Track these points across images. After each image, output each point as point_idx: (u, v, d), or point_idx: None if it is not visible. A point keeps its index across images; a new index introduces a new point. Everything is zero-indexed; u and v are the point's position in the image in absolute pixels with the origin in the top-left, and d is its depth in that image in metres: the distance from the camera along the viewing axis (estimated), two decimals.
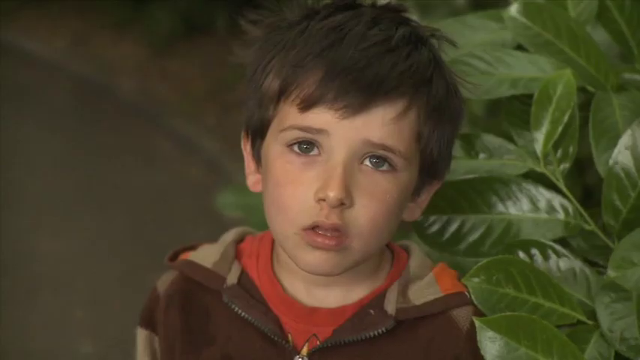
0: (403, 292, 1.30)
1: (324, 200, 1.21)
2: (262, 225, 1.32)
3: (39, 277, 4.24)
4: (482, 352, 1.24)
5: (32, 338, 3.87)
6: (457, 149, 1.50)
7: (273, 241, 1.34)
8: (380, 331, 1.27)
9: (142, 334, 1.38)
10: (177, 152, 5.33)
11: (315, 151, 1.23)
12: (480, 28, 1.63)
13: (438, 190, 1.42)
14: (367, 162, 1.23)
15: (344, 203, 1.21)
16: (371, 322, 1.27)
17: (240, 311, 1.30)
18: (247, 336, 1.30)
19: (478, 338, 1.24)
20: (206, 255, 1.35)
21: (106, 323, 3.95)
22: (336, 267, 1.24)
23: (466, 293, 1.30)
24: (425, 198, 1.33)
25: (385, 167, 1.23)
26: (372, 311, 1.28)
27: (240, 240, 1.37)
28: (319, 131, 1.22)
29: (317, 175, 1.22)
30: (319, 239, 1.22)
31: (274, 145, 1.26)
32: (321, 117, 1.22)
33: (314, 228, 1.22)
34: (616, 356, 1.32)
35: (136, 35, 6.31)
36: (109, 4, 6.45)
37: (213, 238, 1.42)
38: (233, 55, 1.35)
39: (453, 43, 1.34)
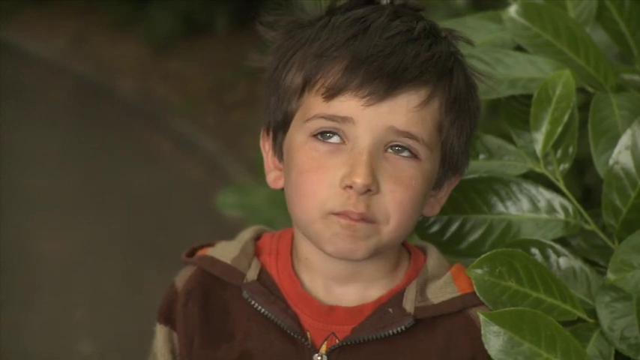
0: (421, 291, 1.30)
1: (350, 187, 1.22)
2: (270, 223, 1.32)
3: (39, 277, 4.24)
4: (485, 346, 1.24)
5: (32, 338, 3.87)
6: None
7: (292, 239, 1.35)
8: (399, 329, 1.28)
9: (161, 331, 1.37)
10: (177, 152, 5.33)
11: (340, 140, 1.25)
12: (479, 29, 1.63)
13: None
14: (390, 150, 1.25)
15: (371, 190, 1.22)
16: (390, 321, 1.28)
17: (259, 307, 1.30)
18: (266, 333, 1.30)
19: (482, 332, 1.24)
20: (225, 251, 1.35)
21: (106, 323, 3.95)
22: (362, 250, 1.25)
23: None
24: (444, 194, 1.34)
25: (408, 155, 1.25)
26: (390, 310, 1.29)
27: (257, 237, 1.38)
28: (345, 119, 1.23)
29: (343, 162, 1.23)
30: (346, 223, 1.23)
31: (298, 135, 1.27)
32: (346, 105, 1.23)
33: (340, 214, 1.23)
34: (616, 355, 1.32)
35: (136, 35, 6.31)
36: (109, 4, 6.46)
37: (213, 238, 1.42)
38: (233, 55, 1.35)
39: (470, 42, 1.36)
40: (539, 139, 1.46)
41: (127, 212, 4.73)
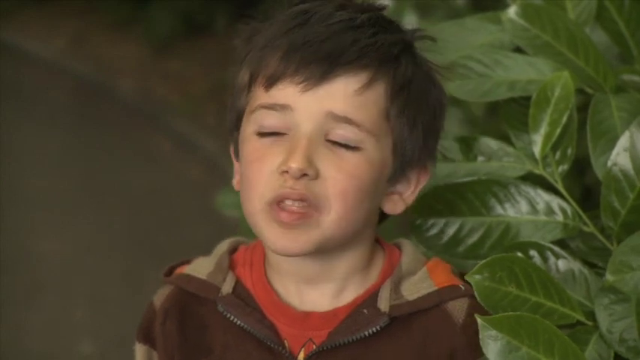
0: (396, 289, 1.29)
1: (287, 172, 1.22)
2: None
3: (39, 277, 4.25)
4: (484, 350, 1.24)
5: (32, 338, 3.87)
6: (456, 152, 1.50)
7: (264, 249, 1.34)
8: (374, 329, 1.27)
9: (140, 350, 1.37)
10: (177, 152, 5.33)
11: (281, 130, 1.25)
12: (478, 31, 1.63)
13: (438, 191, 1.42)
14: (334, 139, 1.23)
15: (307, 174, 1.21)
16: (364, 322, 1.27)
17: (235, 320, 1.30)
18: (244, 344, 1.29)
19: (480, 337, 1.24)
20: (200, 267, 1.35)
21: (106, 323, 3.95)
22: (306, 244, 1.24)
23: (461, 286, 1.30)
24: (410, 193, 1.32)
25: (351, 146, 1.24)
26: (365, 311, 1.28)
27: (233, 250, 1.37)
28: (284, 107, 1.23)
29: (282, 150, 1.23)
30: (284, 214, 1.23)
31: (247, 129, 1.28)
32: (284, 92, 1.23)
33: (279, 203, 1.23)
34: (615, 357, 1.32)
35: (136, 35, 6.31)
36: (109, 4, 6.46)
37: (212, 238, 1.43)
38: (233, 55, 1.36)
39: (432, 40, 1.34)
40: (537, 140, 1.46)
41: (127, 212, 4.74)
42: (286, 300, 1.30)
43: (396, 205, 1.32)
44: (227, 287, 1.32)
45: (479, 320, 1.23)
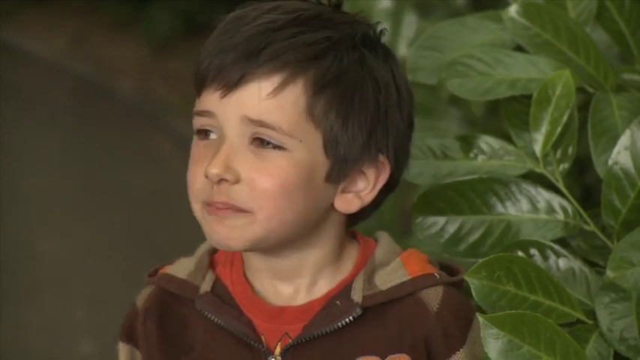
0: (369, 280, 1.30)
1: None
2: None
3: (39, 277, 4.24)
4: (485, 349, 1.24)
5: (32, 338, 3.87)
6: (456, 150, 1.50)
7: None
8: (348, 320, 1.28)
9: (123, 349, 1.39)
10: (177, 152, 5.32)
11: (213, 136, 1.27)
12: (479, 29, 1.63)
13: (438, 190, 1.41)
14: (256, 143, 1.25)
15: (226, 179, 1.23)
16: (338, 313, 1.28)
17: (213, 317, 1.31)
18: (223, 341, 1.31)
19: (482, 335, 1.24)
20: (181, 267, 1.37)
21: (106, 323, 3.93)
22: (240, 239, 1.25)
23: (436, 274, 1.30)
24: (369, 190, 1.30)
25: (271, 147, 1.24)
26: (338, 302, 1.29)
27: (215, 250, 1.38)
28: (209, 114, 1.26)
29: (210, 155, 1.25)
30: (214, 209, 1.25)
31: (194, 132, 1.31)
32: (207, 99, 1.26)
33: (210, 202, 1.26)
34: (615, 356, 1.32)
35: (136, 35, 6.31)
36: (109, 4, 6.45)
37: None
38: None
39: (382, 35, 1.32)
40: (538, 139, 1.46)
41: (127, 212, 4.73)
42: (263, 296, 1.32)
43: (350, 204, 1.30)
44: (205, 286, 1.33)
45: (480, 319, 1.24)
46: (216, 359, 1.32)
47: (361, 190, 1.30)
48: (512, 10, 1.58)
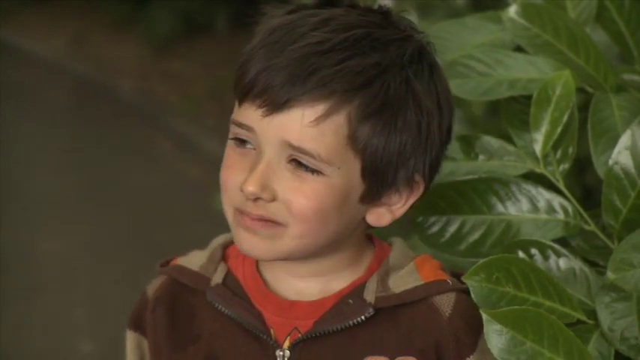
0: (383, 282, 1.30)
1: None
2: None
3: (39, 277, 4.25)
4: (488, 344, 1.24)
5: (32, 338, 3.87)
6: (457, 151, 1.50)
7: None
8: (360, 319, 1.28)
9: (130, 337, 1.40)
10: (177, 152, 5.34)
11: (250, 145, 1.26)
12: (478, 30, 1.63)
13: (439, 189, 1.41)
14: (294, 164, 1.24)
15: (262, 198, 1.23)
16: (350, 312, 1.28)
17: (222, 309, 1.32)
18: (231, 332, 1.32)
19: (485, 331, 1.24)
20: (194, 259, 1.38)
21: (106, 323, 3.95)
22: (267, 252, 1.26)
23: (448, 281, 1.30)
24: (400, 205, 1.30)
25: (310, 171, 1.24)
26: (350, 301, 1.29)
27: (228, 244, 1.39)
28: (248, 128, 1.25)
29: (247, 166, 1.25)
30: (247, 220, 1.25)
31: (229, 134, 1.30)
32: (248, 113, 1.25)
33: (243, 211, 1.26)
34: (616, 355, 1.32)
35: (136, 35, 6.32)
36: (109, 4, 6.46)
37: (212, 238, 1.44)
38: (233, 55, 1.35)
39: (434, 49, 1.32)
40: (538, 139, 1.46)
41: (127, 212, 4.74)
42: (275, 289, 1.32)
43: (381, 218, 1.31)
44: (217, 278, 1.34)
45: (483, 315, 1.24)
46: (224, 349, 1.32)
47: (393, 205, 1.31)
48: (512, 10, 1.58)
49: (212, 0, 6.04)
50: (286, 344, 1.30)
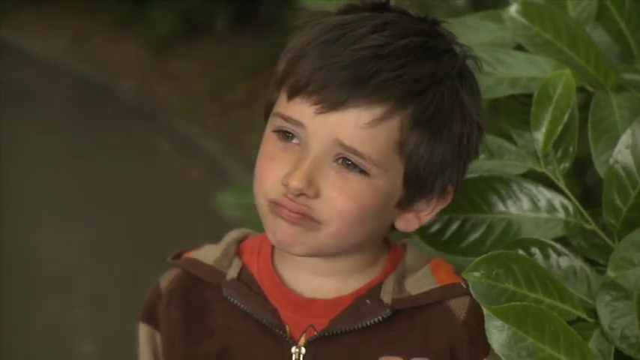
0: (399, 283, 1.31)
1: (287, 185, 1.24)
2: (262, 226, 1.33)
3: (39, 277, 4.25)
4: (489, 340, 1.24)
5: (32, 338, 3.87)
6: None
7: None
8: (376, 320, 1.29)
9: (143, 330, 1.40)
10: (177, 152, 5.33)
11: (295, 140, 1.26)
12: (479, 29, 1.63)
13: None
14: (340, 162, 1.25)
15: (305, 194, 1.23)
16: (367, 312, 1.29)
17: (238, 303, 1.32)
18: (246, 328, 1.32)
19: (486, 327, 1.24)
20: (208, 253, 1.38)
21: (106, 323, 3.96)
22: (301, 245, 1.26)
23: (462, 284, 1.31)
24: (427, 213, 1.32)
25: (357, 171, 1.25)
26: (368, 301, 1.30)
27: (242, 239, 1.39)
28: (297, 123, 1.25)
29: (291, 160, 1.25)
30: (285, 212, 1.25)
31: (268, 125, 1.30)
32: (300, 109, 1.24)
33: (279, 203, 1.26)
34: (616, 354, 1.32)
35: (136, 35, 6.32)
36: (109, 4, 6.46)
37: (212, 238, 1.44)
38: (233, 55, 1.35)
39: (477, 63, 1.33)
40: (539, 138, 1.46)
41: (126, 212, 4.74)
42: (290, 286, 1.33)
43: (409, 223, 1.32)
44: (232, 273, 1.34)
45: (485, 310, 1.24)
46: (238, 343, 1.32)
47: (421, 211, 1.32)
48: (513, 9, 1.59)
49: (212, 0, 6.04)
50: (302, 341, 1.30)
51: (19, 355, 3.78)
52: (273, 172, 1.26)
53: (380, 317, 1.28)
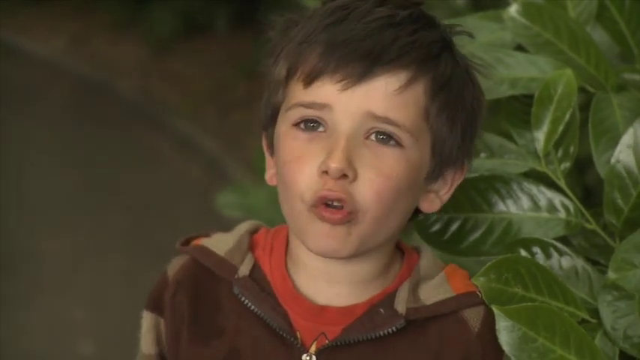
0: (414, 292, 1.28)
1: (326, 173, 1.20)
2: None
3: (39, 277, 4.25)
4: (499, 341, 1.23)
5: (32, 338, 3.87)
6: None
7: (287, 237, 1.33)
8: (390, 330, 1.26)
9: (147, 317, 1.36)
10: (177, 152, 5.34)
11: (320, 129, 1.23)
12: (479, 29, 1.63)
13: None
14: (373, 137, 1.22)
15: (346, 175, 1.20)
16: (381, 322, 1.26)
17: (249, 304, 1.28)
18: (256, 330, 1.28)
19: (497, 327, 1.23)
20: (220, 242, 1.34)
21: (106, 323, 3.96)
22: (343, 244, 1.22)
23: (478, 293, 1.29)
24: (446, 191, 1.31)
25: (392, 143, 1.22)
26: (382, 310, 1.27)
27: (254, 231, 1.36)
28: (322, 106, 1.22)
29: (321, 149, 1.21)
30: (327, 213, 1.21)
31: (282, 126, 1.26)
32: (323, 90, 1.22)
33: (321, 204, 1.21)
34: (620, 354, 1.32)
35: (136, 35, 6.32)
36: (109, 4, 6.46)
37: None
38: (233, 55, 1.35)
39: (470, 35, 1.34)
40: (540, 138, 1.46)
41: (126, 212, 4.74)
42: (303, 292, 1.29)
43: (432, 204, 1.31)
44: (245, 269, 1.31)
45: (495, 310, 1.23)
46: (247, 346, 1.28)
47: (440, 190, 1.31)
48: (513, 9, 1.59)
49: (212, 0, 6.04)
50: (313, 349, 1.27)
51: (19, 355, 3.78)
52: (306, 170, 1.22)
53: (394, 328, 1.25)
